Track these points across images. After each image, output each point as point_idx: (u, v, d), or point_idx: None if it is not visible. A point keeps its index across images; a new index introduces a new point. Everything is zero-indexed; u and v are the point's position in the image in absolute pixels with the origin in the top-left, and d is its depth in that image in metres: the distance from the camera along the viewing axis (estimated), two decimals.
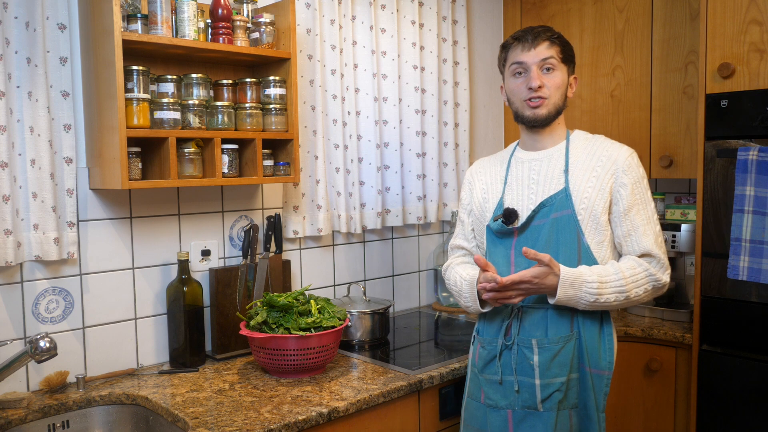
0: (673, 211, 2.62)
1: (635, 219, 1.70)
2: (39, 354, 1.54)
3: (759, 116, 2.06)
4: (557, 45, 1.74)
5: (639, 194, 1.71)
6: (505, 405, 1.71)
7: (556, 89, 1.74)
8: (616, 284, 1.64)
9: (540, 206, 1.72)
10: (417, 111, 2.71)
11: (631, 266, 1.67)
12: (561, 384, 1.66)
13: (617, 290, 1.64)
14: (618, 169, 1.70)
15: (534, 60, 1.72)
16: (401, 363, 2.06)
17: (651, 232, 1.70)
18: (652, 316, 2.55)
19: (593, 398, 1.68)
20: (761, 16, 2.06)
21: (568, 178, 1.72)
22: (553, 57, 1.73)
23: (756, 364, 2.07)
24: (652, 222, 1.71)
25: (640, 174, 1.73)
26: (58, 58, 1.82)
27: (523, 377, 1.69)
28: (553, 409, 1.66)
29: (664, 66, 2.59)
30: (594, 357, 1.69)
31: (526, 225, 1.73)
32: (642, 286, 1.67)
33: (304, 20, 2.31)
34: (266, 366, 1.92)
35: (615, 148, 1.75)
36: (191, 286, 2.02)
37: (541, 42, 1.73)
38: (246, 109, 2.01)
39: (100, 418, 1.81)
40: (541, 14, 2.96)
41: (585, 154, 1.75)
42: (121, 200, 2.00)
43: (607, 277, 1.64)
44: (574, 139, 1.80)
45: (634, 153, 1.75)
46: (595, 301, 1.64)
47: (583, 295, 1.63)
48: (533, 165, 1.80)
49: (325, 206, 2.41)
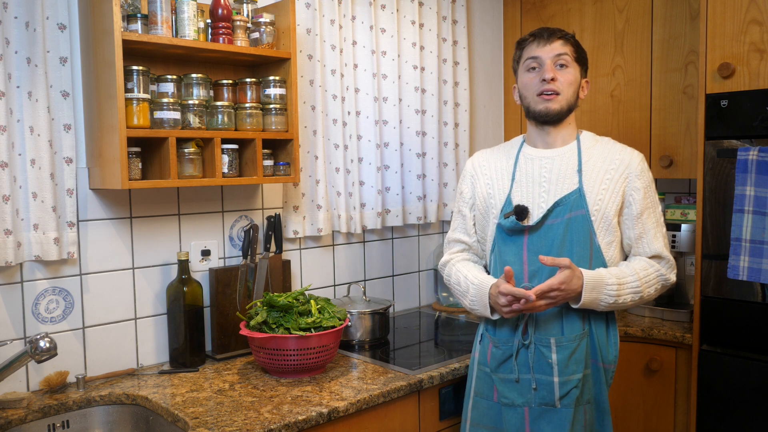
0: (673, 211, 2.61)
1: (647, 222, 1.76)
2: (39, 354, 1.55)
3: (759, 116, 2.06)
4: (571, 44, 1.79)
5: (650, 198, 1.77)
6: (522, 403, 1.73)
7: (569, 85, 1.77)
8: (633, 285, 1.70)
9: (554, 205, 1.73)
10: (417, 111, 2.71)
11: (644, 267, 1.73)
12: (578, 381, 1.69)
13: (633, 291, 1.70)
14: (631, 173, 1.75)
15: (549, 54, 1.76)
16: (401, 363, 2.06)
17: (660, 234, 1.77)
18: (652, 316, 2.55)
19: (602, 392, 1.74)
20: (761, 16, 2.06)
21: (582, 179, 1.74)
22: (567, 54, 1.77)
23: (756, 364, 2.07)
24: (661, 224, 1.78)
25: (650, 178, 1.79)
26: (58, 58, 1.82)
27: (541, 375, 1.71)
28: (571, 405, 1.69)
29: (664, 66, 2.59)
30: (604, 352, 1.75)
31: (540, 224, 1.74)
32: (653, 285, 1.74)
33: (304, 20, 2.31)
34: (266, 366, 1.92)
35: (627, 151, 1.80)
36: (191, 286, 2.02)
37: (556, 39, 1.77)
38: (246, 109, 2.01)
39: (100, 418, 1.81)
40: (541, 14, 2.96)
41: (597, 155, 1.78)
42: (121, 200, 2.00)
43: (625, 278, 1.70)
44: (584, 139, 1.83)
45: (644, 157, 1.80)
46: (614, 303, 1.69)
47: (604, 298, 1.68)
48: (544, 163, 1.80)
49: (325, 206, 2.41)
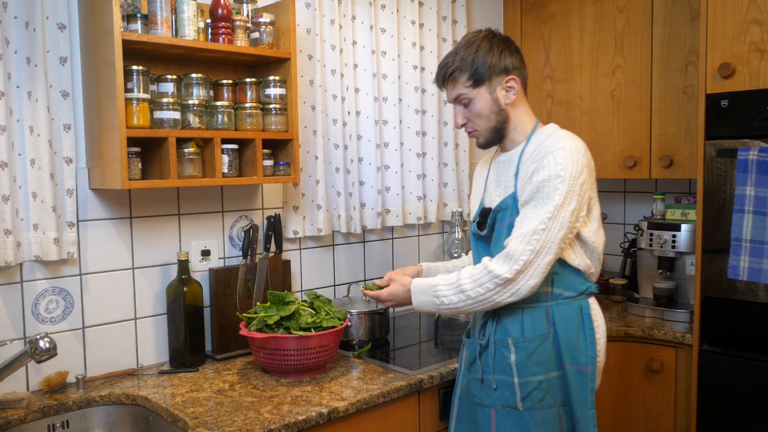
0: (673, 211, 2.62)
1: (525, 212, 1.63)
2: (39, 354, 1.54)
3: (759, 116, 2.05)
4: (461, 75, 1.71)
5: (543, 191, 1.60)
6: (488, 403, 1.73)
7: (479, 117, 1.74)
8: (455, 285, 1.68)
9: (495, 212, 1.75)
10: (417, 111, 2.71)
11: (475, 268, 1.68)
12: (539, 382, 1.67)
13: (457, 290, 1.67)
14: (538, 165, 1.63)
15: (450, 99, 1.77)
16: (401, 363, 2.06)
17: (527, 225, 1.60)
18: (652, 316, 2.55)
19: (576, 395, 1.68)
20: (761, 15, 2.05)
21: (517, 182, 1.72)
22: (461, 94, 1.73)
23: (756, 364, 2.07)
24: (537, 219, 1.59)
25: (554, 172, 1.60)
26: (58, 58, 1.82)
27: (502, 376, 1.70)
28: (534, 408, 1.67)
29: (664, 66, 2.59)
30: (573, 354, 1.68)
31: (491, 230, 1.76)
32: (483, 284, 1.63)
33: (304, 20, 2.31)
34: (266, 366, 1.92)
35: (554, 144, 1.65)
36: (191, 286, 2.02)
37: (445, 84, 1.76)
38: (246, 109, 2.01)
39: (100, 418, 1.81)
40: (541, 14, 2.96)
41: (531, 155, 1.70)
42: (121, 200, 2.00)
43: (447, 279, 1.70)
44: (533, 139, 1.74)
45: (563, 150, 1.62)
46: (440, 304, 1.70)
47: (432, 299, 1.71)
48: (499, 167, 1.82)
49: (325, 206, 2.41)
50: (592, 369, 1.69)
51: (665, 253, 2.54)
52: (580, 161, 1.63)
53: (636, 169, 2.66)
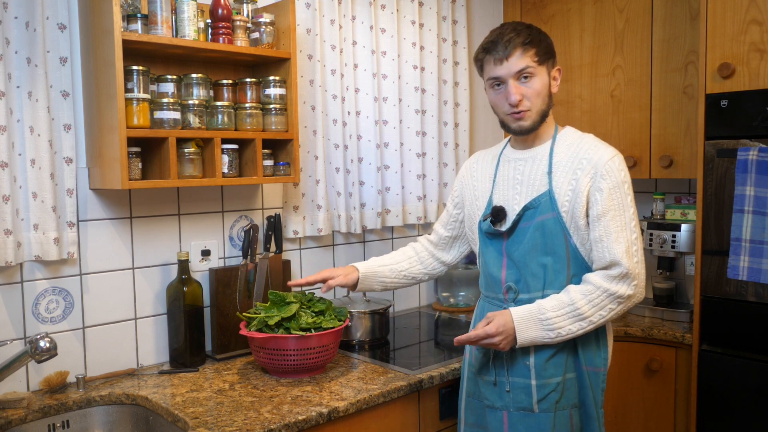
0: (673, 211, 2.62)
1: (609, 225, 1.62)
2: (39, 354, 1.54)
3: (759, 116, 2.06)
4: (531, 48, 1.64)
5: (616, 199, 1.63)
6: (501, 406, 1.72)
7: (537, 96, 1.66)
8: (574, 313, 1.61)
9: (524, 209, 1.70)
10: (417, 111, 2.71)
11: (589, 290, 1.62)
12: (557, 384, 1.67)
13: (577, 318, 1.61)
14: (597, 172, 1.63)
15: (509, 73, 1.64)
16: (401, 363, 2.06)
17: (624, 240, 1.62)
18: (652, 316, 2.55)
19: (591, 396, 1.70)
20: (761, 16, 2.06)
21: (552, 180, 1.69)
22: (528, 66, 1.64)
23: (756, 364, 2.07)
24: (628, 229, 1.63)
25: (620, 179, 1.64)
26: (58, 58, 1.82)
27: (518, 378, 1.69)
28: (550, 410, 1.66)
29: (664, 66, 2.59)
30: (589, 356, 1.70)
31: (513, 228, 1.72)
32: (605, 306, 1.62)
33: (304, 20, 2.31)
34: (266, 366, 1.92)
35: (598, 150, 1.67)
36: (191, 286, 2.02)
37: (513, 52, 1.63)
38: (246, 109, 2.01)
39: (100, 418, 1.81)
40: (541, 14, 2.96)
41: (568, 155, 1.70)
42: (121, 200, 2.00)
43: (562, 308, 1.62)
44: (560, 138, 1.75)
45: (617, 156, 1.66)
46: (557, 336, 1.62)
47: (545, 334, 1.62)
48: (518, 165, 1.77)
49: (325, 206, 2.41)
50: (605, 370, 1.71)
51: (665, 253, 2.54)
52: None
53: (636, 169, 2.66)
